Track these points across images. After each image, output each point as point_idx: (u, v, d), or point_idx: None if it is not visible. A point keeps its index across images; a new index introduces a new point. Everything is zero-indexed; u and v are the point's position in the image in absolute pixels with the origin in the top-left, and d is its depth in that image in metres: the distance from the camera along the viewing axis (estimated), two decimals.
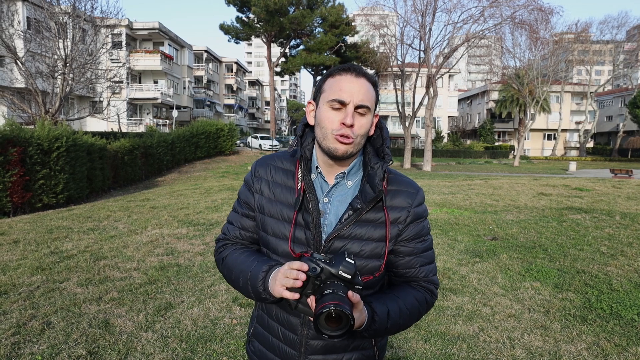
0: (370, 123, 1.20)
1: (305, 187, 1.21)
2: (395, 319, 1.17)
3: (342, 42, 38.06)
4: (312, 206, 1.20)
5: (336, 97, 1.14)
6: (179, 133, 23.86)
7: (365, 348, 1.29)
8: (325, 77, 1.21)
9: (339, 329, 0.99)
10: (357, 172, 1.26)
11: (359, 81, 1.16)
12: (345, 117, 1.14)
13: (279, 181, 1.27)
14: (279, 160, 1.31)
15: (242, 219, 1.34)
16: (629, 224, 7.65)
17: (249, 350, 1.40)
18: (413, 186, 1.28)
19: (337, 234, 1.18)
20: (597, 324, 3.61)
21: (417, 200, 1.27)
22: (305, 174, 1.22)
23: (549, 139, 59.23)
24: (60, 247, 5.95)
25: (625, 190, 12.48)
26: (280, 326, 1.27)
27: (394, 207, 1.23)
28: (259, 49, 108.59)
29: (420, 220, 1.28)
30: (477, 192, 12.07)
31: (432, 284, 1.31)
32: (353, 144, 1.16)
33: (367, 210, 1.19)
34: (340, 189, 1.24)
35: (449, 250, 5.98)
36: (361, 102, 1.15)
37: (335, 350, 1.24)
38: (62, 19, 17.46)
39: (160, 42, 37.17)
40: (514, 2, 26.69)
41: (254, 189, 1.31)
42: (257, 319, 1.37)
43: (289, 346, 1.26)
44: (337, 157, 1.17)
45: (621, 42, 53.85)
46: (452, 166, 36.28)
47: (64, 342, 3.20)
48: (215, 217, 8.13)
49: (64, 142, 12.02)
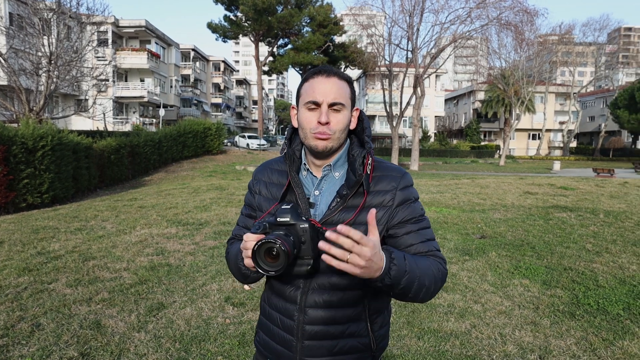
0: (347, 118, 1.28)
1: (292, 182, 1.31)
2: (412, 265, 1.14)
3: (330, 42, 38.07)
4: (300, 198, 1.28)
5: (310, 99, 1.25)
6: (166, 132, 23.63)
7: (362, 336, 1.29)
8: (302, 82, 1.31)
9: (277, 265, 1.06)
10: (344, 164, 1.34)
11: (330, 81, 1.25)
12: (320, 115, 1.23)
13: (275, 181, 1.38)
14: (275, 163, 1.43)
15: (246, 220, 1.45)
16: (613, 222, 7.81)
17: (256, 341, 1.45)
18: (398, 170, 1.34)
19: (326, 220, 1.24)
20: (585, 319, 3.69)
21: (403, 183, 1.31)
22: (292, 171, 1.32)
23: (534, 138, 60.06)
24: (47, 248, 5.86)
25: (608, 189, 12.73)
26: (279, 314, 1.33)
27: (379, 191, 1.28)
28: (246, 48, 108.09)
29: (409, 202, 1.30)
30: (465, 191, 12.20)
31: (439, 258, 1.30)
32: (331, 140, 1.25)
33: (352, 195, 1.25)
34: (329, 181, 1.33)
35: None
36: (334, 99, 1.24)
37: (331, 337, 1.27)
38: (47, 16, 17.16)
39: (147, 40, 36.78)
40: (500, 3, 27.00)
41: (254, 191, 1.43)
42: (261, 310, 1.44)
43: (286, 332, 1.30)
44: (319, 152, 1.27)
45: (603, 45, 54.93)
46: (439, 165, 36.56)
47: (55, 343, 3.16)
48: (205, 217, 8.08)
49: (49, 140, 11.81)
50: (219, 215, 8.22)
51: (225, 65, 58.80)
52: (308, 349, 1.27)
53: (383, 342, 1.37)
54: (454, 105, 66.42)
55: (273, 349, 1.34)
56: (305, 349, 1.27)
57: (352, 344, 1.28)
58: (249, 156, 29.54)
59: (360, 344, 1.29)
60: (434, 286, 1.21)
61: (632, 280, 4.66)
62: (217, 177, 20.67)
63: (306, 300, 1.26)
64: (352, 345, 1.28)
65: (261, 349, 1.40)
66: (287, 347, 1.30)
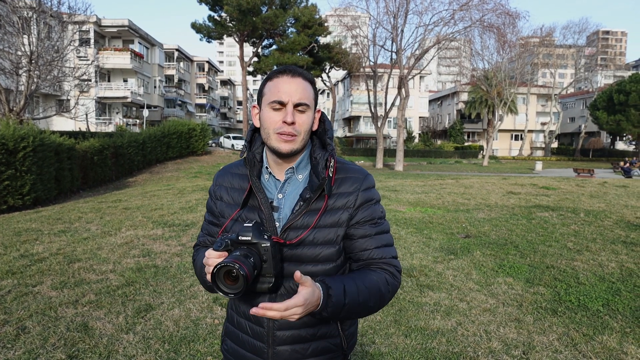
0: (311, 119, 1.27)
1: (253, 186, 1.28)
2: (353, 295, 1.16)
3: (314, 43, 38.08)
4: (262, 203, 1.26)
5: (275, 99, 1.22)
6: (150, 133, 23.37)
7: (333, 336, 1.30)
8: (265, 81, 1.28)
9: (236, 287, 1.07)
10: (306, 165, 1.31)
11: (296, 81, 1.23)
12: (285, 115, 1.21)
13: (236, 186, 1.35)
14: (235, 167, 1.39)
15: (209, 226, 1.43)
16: (593, 221, 8.01)
17: (223, 349, 1.43)
18: (360, 172, 1.33)
19: (290, 224, 1.23)
20: (567, 315, 3.79)
21: (365, 185, 1.30)
22: (253, 176, 1.29)
23: (516, 139, 61.01)
24: (30, 250, 5.77)
25: (588, 189, 13.03)
26: (248, 321, 1.31)
27: (342, 193, 1.28)
28: (231, 48, 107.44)
29: (370, 203, 1.30)
30: (449, 191, 12.36)
31: (392, 266, 1.30)
32: (296, 141, 1.23)
33: (315, 199, 1.24)
34: (292, 184, 1.30)
35: (425, 248, 6.12)
36: (299, 100, 1.22)
37: (302, 340, 1.26)
38: (27, 14, 16.85)
39: (130, 40, 36.30)
40: (483, 6, 27.43)
41: (215, 197, 1.39)
42: (228, 318, 1.41)
43: (257, 339, 1.29)
44: (283, 155, 1.24)
45: (582, 47, 56.09)
46: (423, 166, 36.90)
47: (42, 346, 3.13)
48: (191, 218, 8.04)
49: (31, 141, 11.61)
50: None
51: (210, 65, 58.39)
52: (280, 355, 1.26)
53: (352, 340, 1.39)
54: (438, 106, 67.08)
55: (243, 357, 1.32)
56: (277, 355, 1.26)
57: (324, 345, 1.29)
58: (234, 157, 29.42)
59: (332, 345, 1.30)
60: (380, 303, 1.25)
61: (611, 278, 4.80)
62: (203, 178, 20.52)
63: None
64: (324, 347, 1.29)
65: (230, 357, 1.38)
66: (258, 354, 1.29)
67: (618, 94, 45.09)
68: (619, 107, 45.15)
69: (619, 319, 3.70)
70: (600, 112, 47.77)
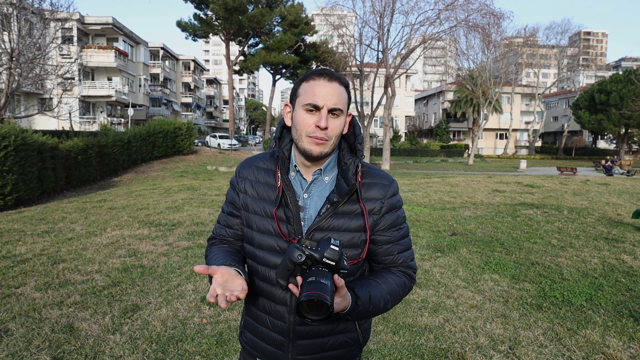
0: (343, 123, 1.27)
1: (283, 185, 1.28)
2: (376, 302, 1.25)
3: (301, 42, 38.06)
4: (291, 202, 1.26)
5: (310, 102, 1.21)
6: (135, 132, 23.09)
7: (350, 331, 1.35)
8: (300, 81, 1.27)
9: (320, 314, 1.06)
10: (333, 168, 1.32)
11: (332, 85, 1.22)
12: (319, 120, 1.20)
13: (262, 180, 1.34)
14: (260, 161, 1.38)
15: (228, 218, 1.42)
16: (576, 218, 8.15)
17: (242, 340, 1.46)
18: (387, 178, 1.35)
19: (316, 226, 1.25)
20: (551, 310, 3.86)
21: (391, 192, 1.33)
22: (283, 173, 1.29)
23: (501, 138, 61.76)
24: (12, 251, 5.66)
25: (571, 187, 13.26)
26: (268, 316, 1.33)
27: (369, 198, 1.30)
28: (217, 47, 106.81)
29: (395, 210, 1.34)
30: (436, 190, 12.46)
31: (411, 269, 1.38)
32: (327, 145, 1.23)
33: (343, 203, 1.26)
34: (318, 185, 1.31)
35: (412, 246, 6.15)
36: (334, 105, 1.21)
37: (322, 335, 1.31)
38: (6, 10, 16.51)
39: (115, 38, 35.81)
40: (468, 6, 27.61)
41: (238, 189, 1.38)
42: (246, 311, 1.43)
43: (278, 333, 1.32)
44: (313, 157, 1.24)
45: (564, 47, 56.99)
46: (409, 165, 37.12)
47: (25, 348, 3.07)
48: (177, 217, 7.98)
49: (12, 140, 11.39)
50: (191, 216, 8.13)
51: (195, 64, 57.92)
52: (300, 348, 1.31)
53: (367, 334, 1.45)
54: (424, 105, 67.56)
55: (263, 349, 1.36)
56: (297, 348, 1.31)
57: (342, 339, 1.34)
58: (220, 156, 29.22)
59: (349, 339, 1.36)
60: (398, 302, 1.35)
61: (594, 273, 4.89)
62: (189, 177, 20.36)
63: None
64: (342, 341, 1.34)
65: (249, 348, 1.42)
66: (278, 347, 1.33)
67: (599, 94, 45.97)
68: (600, 106, 46.04)
69: (602, 314, 3.77)
70: (583, 112, 48.63)
